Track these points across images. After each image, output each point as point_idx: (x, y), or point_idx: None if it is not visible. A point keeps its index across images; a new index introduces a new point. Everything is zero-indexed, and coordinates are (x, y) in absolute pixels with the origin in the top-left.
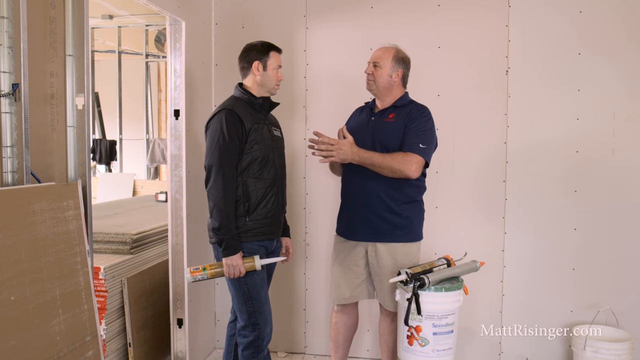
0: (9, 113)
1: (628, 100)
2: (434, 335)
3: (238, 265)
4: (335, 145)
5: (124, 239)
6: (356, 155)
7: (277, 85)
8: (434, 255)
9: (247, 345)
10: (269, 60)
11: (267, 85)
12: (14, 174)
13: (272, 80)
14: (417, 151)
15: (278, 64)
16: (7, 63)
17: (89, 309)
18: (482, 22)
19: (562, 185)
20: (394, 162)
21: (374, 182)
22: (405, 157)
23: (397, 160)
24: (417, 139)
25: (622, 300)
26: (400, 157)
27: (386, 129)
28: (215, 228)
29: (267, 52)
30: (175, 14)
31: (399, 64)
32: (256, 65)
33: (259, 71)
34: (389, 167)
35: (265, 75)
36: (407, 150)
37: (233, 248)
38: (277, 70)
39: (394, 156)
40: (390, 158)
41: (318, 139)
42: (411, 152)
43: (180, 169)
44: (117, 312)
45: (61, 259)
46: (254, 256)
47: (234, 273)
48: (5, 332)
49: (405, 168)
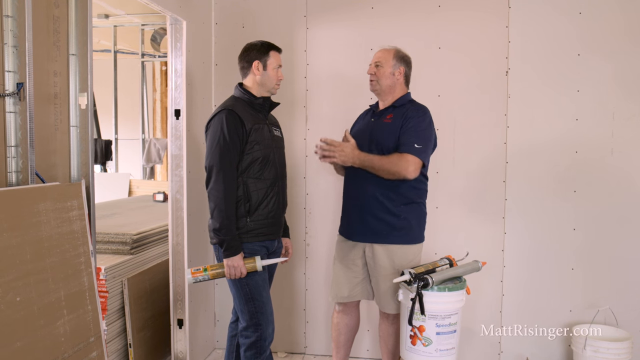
0: (13, 112)
1: (627, 101)
2: (437, 335)
3: (239, 266)
4: (338, 147)
5: (124, 239)
6: (357, 158)
7: (277, 85)
8: (434, 255)
9: (250, 345)
10: (268, 59)
11: (267, 84)
12: (18, 173)
13: (272, 80)
14: (412, 151)
15: (278, 64)
16: (12, 62)
17: (93, 310)
18: (483, 22)
19: (562, 186)
20: (390, 165)
21: (372, 183)
22: (400, 158)
23: (393, 162)
24: (413, 138)
25: (621, 299)
26: (396, 158)
27: (383, 130)
28: (216, 229)
29: (267, 51)
30: (176, 14)
31: (400, 62)
32: (256, 64)
33: (258, 71)
34: (386, 169)
35: (265, 75)
36: (402, 150)
37: (234, 249)
38: (277, 69)
39: (390, 158)
40: (387, 160)
41: (322, 139)
42: (406, 153)
43: (181, 169)
44: (117, 312)
45: (66, 260)
46: (255, 257)
47: (234, 274)
48: (11, 334)
49: (401, 169)
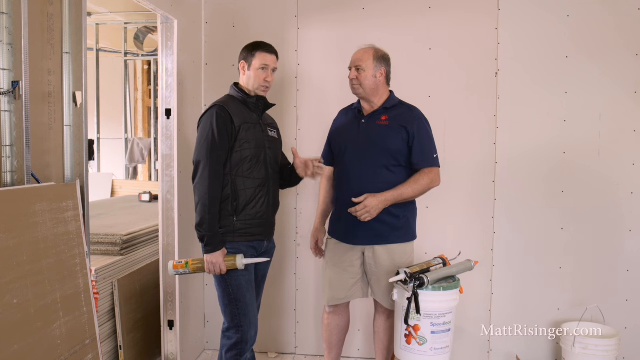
0: (8, 111)
1: (614, 103)
2: (432, 334)
3: (218, 262)
4: (362, 209)
5: (114, 240)
6: (383, 202)
7: (262, 87)
8: (424, 254)
9: (230, 347)
10: (253, 60)
11: (250, 85)
12: (13, 173)
13: (255, 81)
14: (434, 163)
15: (263, 65)
16: (7, 60)
17: (88, 312)
18: (473, 24)
19: (550, 186)
20: (423, 187)
21: (370, 189)
22: (429, 176)
23: (423, 184)
24: (429, 149)
25: (607, 297)
26: (425, 179)
27: (382, 132)
28: (197, 224)
29: (253, 51)
30: (168, 12)
31: (380, 62)
32: (242, 64)
33: (244, 70)
34: (421, 193)
35: (249, 75)
36: (425, 166)
37: (214, 245)
38: (264, 70)
39: (419, 181)
40: (418, 185)
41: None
42: (430, 167)
43: (172, 169)
44: (107, 314)
45: (61, 261)
46: (236, 255)
47: (214, 270)
48: (9, 336)
49: (433, 185)
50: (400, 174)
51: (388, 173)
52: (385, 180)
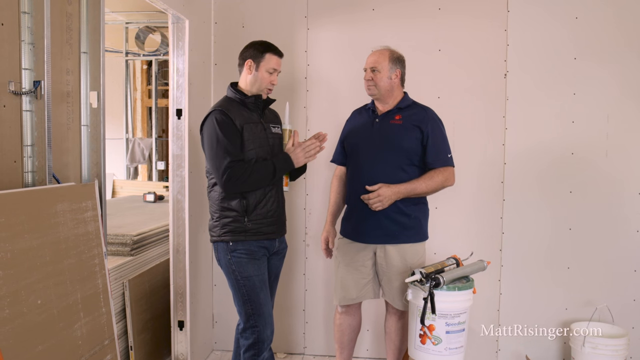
0: (29, 111)
1: (621, 104)
2: (447, 334)
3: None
4: (375, 198)
5: (124, 240)
6: (396, 193)
7: (267, 89)
8: (434, 255)
9: (248, 347)
10: (262, 61)
11: (256, 86)
12: (34, 173)
13: (262, 83)
14: (449, 162)
15: (273, 67)
16: (29, 60)
17: (107, 312)
18: (482, 26)
19: (558, 186)
20: (436, 184)
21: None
22: (444, 174)
23: (438, 181)
24: (444, 149)
25: (616, 297)
26: (440, 177)
27: (395, 131)
28: (269, 178)
29: (263, 52)
30: (179, 12)
31: (396, 64)
32: (249, 63)
33: (250, 70)
34: (434, 190)
35: (256, 76)
36: (440, 165)
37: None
38: (272, 73)
39: (434, 178)
40: (432, 182)
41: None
42: (444, 167)
43: (183, 169)
44: (118, 314)
45: (82, 261)
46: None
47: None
48: (33, 337)
49: (447, 184)
50: (413, 174)
51: (401, 172)
52: (398, 179)
